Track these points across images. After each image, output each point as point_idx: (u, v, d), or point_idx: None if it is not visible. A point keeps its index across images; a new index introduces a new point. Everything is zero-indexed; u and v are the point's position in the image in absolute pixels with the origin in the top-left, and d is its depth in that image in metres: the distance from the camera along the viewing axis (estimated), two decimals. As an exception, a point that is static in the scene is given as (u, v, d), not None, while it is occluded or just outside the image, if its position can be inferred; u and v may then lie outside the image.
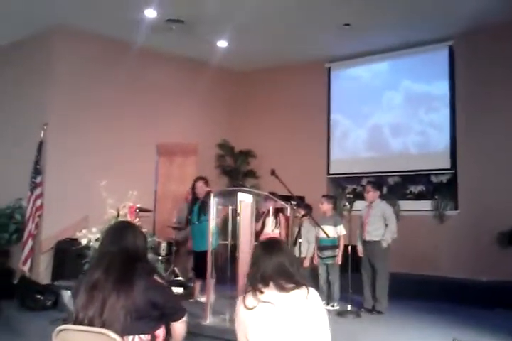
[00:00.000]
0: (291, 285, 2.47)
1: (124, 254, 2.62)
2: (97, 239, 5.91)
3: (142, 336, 2.55)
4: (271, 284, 2.48)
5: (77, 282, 2.68)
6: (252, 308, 2.46)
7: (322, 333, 2.45)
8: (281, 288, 2.46)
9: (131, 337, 2.50)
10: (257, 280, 2.51)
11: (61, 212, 7.64)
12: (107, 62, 8.49)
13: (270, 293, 2.47)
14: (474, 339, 4.15)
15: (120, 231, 2.75)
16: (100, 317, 2.44)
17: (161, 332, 2.65)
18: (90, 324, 2.45)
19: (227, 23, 7.77)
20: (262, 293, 2.47)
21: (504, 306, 6.27)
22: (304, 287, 2.49)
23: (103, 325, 2.42)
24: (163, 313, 2.62)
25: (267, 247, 2.63)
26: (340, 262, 6.18)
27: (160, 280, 2.68)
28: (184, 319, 2.75)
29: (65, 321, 5.29)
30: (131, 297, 2.48)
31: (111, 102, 8.48)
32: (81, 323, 2.47)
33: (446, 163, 8.47)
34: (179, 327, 2.75)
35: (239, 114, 10.47)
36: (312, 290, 2.50)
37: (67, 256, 6.92)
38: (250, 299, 2.49)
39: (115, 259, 2.59)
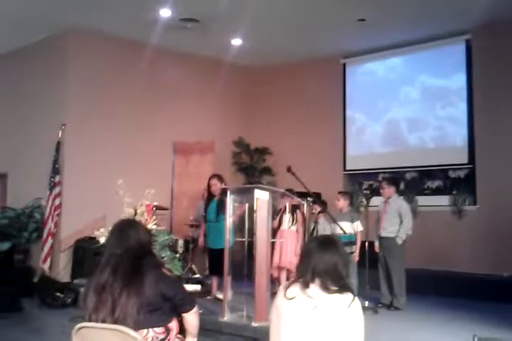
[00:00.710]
0: (335, 288, 2.42)
1: (129, 254, 2.63)
2: (114, 238, 5.97)
3: (156, 329, 2.57)
4: (316, 280, 2.44)
5: (85, 285, 2.70)
6: (291, 298, 2.43)
7: None
8: (325, 288, 2.41)
9: (145, 330, 2.53)
10: (305, 274, 2.47)
11: (79, 211, 7.73)
12: (123, 62, 8.56)
13: (314, 289, 2.43)
14: (495, 335, 4.10)
15: (122, 231, 2.75)
16: (112, 316, 2.47)
17: (174, 325, 2.68)
18: (103, 323, 2.47)
19: (242, 20, 7.76)
20: (307, 286, 2.43)
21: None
22: (348, 293, 2.42)
23: (116, 322, 2.44)
24: (173, 305, 2.64)
25: (323, 244, 2.56)
26: (357, 259, 6.14)
27: (168, 273, 2.71)
28: (195, 310, 2.76)
29: (85, 319, 5.38)
30: (142, 292, 2.50)
31: (127, 102, 8.54)
32: None
33: (464, 158, 8.37)
34: (191, 318, 2.76)
35: (254, 111, 10.47)
36: (356, 300, 2.42)
37: (86, 254, 7.01)
38: (293, 289, 2.46)
39: (121, 260, 2.60)
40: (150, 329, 2.55)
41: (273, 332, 2.54)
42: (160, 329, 2.58)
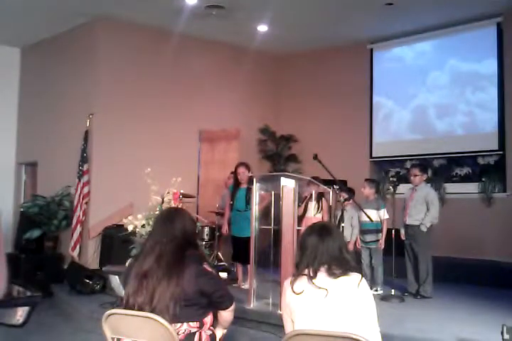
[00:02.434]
0: (341, 271, 2.43)
1: (174, 243, 2.64)
2: (142, 226, 6.02)
3: (191, 323, 2.59)
4: (322, 269, 2.45)
5: (127, 269, 2.73)
6: (300, 293, 2.43)
7: (369, 322, 2.41)
8: (332, 274, 2.43)
9: (179, 324, 2.54)
10: (308, 265, 2.48)
11: (107, 199, 7.84)
12: (150, 51, 8.59)
13: (321, 278, 2.44)
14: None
15: (169, 219, 2.76)
16: (150, 304, 2.49)
17: (208, 319, 2.69)
18: (140, 310, 2.49)
19: (267, 7, 7.69)
20: (314, 278, 2.44)
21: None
22: (356, 274, 2.45)
23: (152, 312, 2.45)
24: (211, 301, 2.65)
25: (318, 231, 2.57)
26: (383, 246, 6.10)
27: (209, 269, 2.71)
28: (232, 308, 2.77)
29: (114, 305, 5.49)
30: (181, 285, 2.51)
31: (154, 90, 8.59)
32: (131, 309, 2.52)
33: (493, 144, 8.19)
34: (227, 315, 2.78)
35: (280, 98, 10.42)
36: (363, 280, 2.45)
37: (114, 242, 7.11)
38: (299, 284, 2.47)
39: (166, 249, 2.62)
40: (185, 323, 2.56)
41: (287, 326, 2.54)
42: (194, 324, 2.60)
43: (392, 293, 5.70)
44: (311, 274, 2.44)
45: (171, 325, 2.40)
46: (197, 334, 2.60)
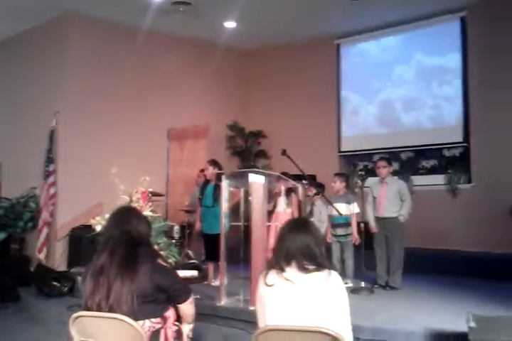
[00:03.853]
0: (312, 267, 2.47)
1: (127, 238, 2.64)
2: (110, 225, 5.96)
3: (153, 319, 2.57)
4: (293, 263, 2.49)
5: (85, 270, 2.70)
6: (271, 285, 2.47)
7: (341, 317, 2.44)
8: (303, 269, 2.46)
9: (141, 322, 2.52)
10: (281, 258, 2.51)
11: (74, 200, 7.72)
12: (117, 48, 8.49)
13: (291, 271, 2.47)
14: (489, 312, 4.12)
15: (123, 215, 2.76)
16: (107, 301, 2.47)
17: (170, 314, 2.68)
18: (98, 310, 2.47)
19: (234, 3, 7.67)
20: (283, 271, 2.47)
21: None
22: (326, 270, 2.48)
23: (110, 310, 2.44)
24: (168, 296, 2.64)
25: (294, 226, 2.62)
26: (357, 241, 6.13)
27: (164, 264, 2.70)
28: (190, 300, 2.77)
29: (82, 307, 5.40)
30: (136, 281, 2.49)
31: (121, 88, 8.49)
32: (90, 309, 2.50)
33: (458, 137, 8.35)
34: (186, 308, 2.77)
35: (249, 94, 10.42)
36: (334, 274, 2.49)
37: (82, 242, 7.00)
38: (271, 276, 2.50)
39: (119, 243, 2.61)
40: (147, 320, 2.54)
41: (260, 319, 2.57)
42: (157, 320, 2.58)
43: (362, 286, 5.75)
44: (281, 267, 2.48)
45: (136, 323, 2.40)
46: (162, 331, 2.58)
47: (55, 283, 6.51)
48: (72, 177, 7.80)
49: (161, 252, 4.77)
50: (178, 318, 2.77)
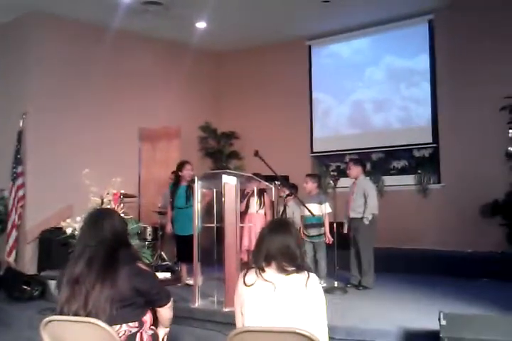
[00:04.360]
0: (292, 268, 2.48)
1: (104, 245, 2.59)
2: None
3: (130, 324, 2.54)
4: (273, 264, 2.49)
5: (59, 275, 2.65)
6: (250, 285, 2.47)
7: (318, 319, 2.46)
8: (282, 270, 2.47)
9: (118, 326, 2.49)
10: (260, 258, 2.51)
11: (44, 202, 7.60)
12: (86, 48, 8.36)
13: (271, 272, 2.48)
14: (459, 310, 4.20)
15: (96, 220, 2.69)
16: (85, 309, 2.44)
17: (148, 318, 2.65)
18: (76, 316, 2.43)
19: (205, 3, 7.65)
20: (263, 271, 2.48)
21: (489, 276, 6.37)
22: (305, 272, 2.49)
23: (88, 316, 2.41)
24: (147, 300, 2.61)
25: (274, 226, 2.63)
26: (330, 241, 6.17)
27: (143, 267, 2.66)
28: (169, 304, 2.74)
29: (54, 311, 5.31)
30: (116, 286, 2.47)
31: (91, 88, 8.37)
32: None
33: (428, 137, 8.50)
34: (165, 312, 2.75)
35: (221, 95, 10.40)
36: (313, 276, 2.50)
37: (53, 245, 6.91)
38: (250, 276, 2.51)
39: (97, 252, 2.56)
40: (124, 325, 2.52)
41: (238, 319, 2.57)
42: (134, 324, 2.55)
43: (336, 285, 5.80)
44: (261, 267, 2.49)
45: (110, 328, 2.37)
46: (138, 335, 2.56)
47: (25, 287, 6.38)
48: (42, 178, 7.67)
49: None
50: (154, 322, 2.75)
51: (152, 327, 2.69)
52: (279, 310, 2.42)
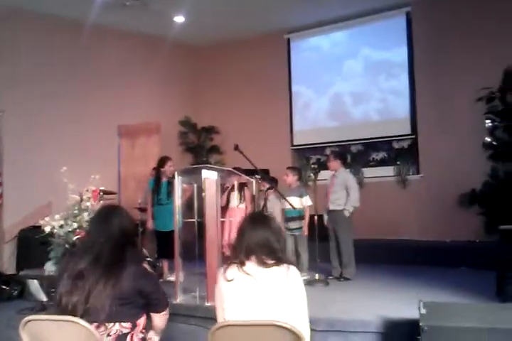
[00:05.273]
0: (272, 261, 2.48)
1: (112, 243, 2.57)
2: (60, 226, 5.81)
3: (123, 324, 2.52)
4: (252, 257, 2.50)
5: (60, 269, 2.64)
6: (231, 280, 2.48)
7: (299, 311, 2.46)
8: (262, 263, 2.47)
9: (111, 324, 2.48)
10: (240, 252, 2.52)
11: (22, 200, 7.51)
12: (62, 44, 8.26)
13: (251, 266, 2.48)
14: (439, 299, 4.25)
15: (105, 217, 2.67)
16: (85, 304, 2.42)
17: (141, 322, 2.63)
18: (73, 310, 2.41)
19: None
20: (243, 264, 2.48)
21: (468, 265, 6.47)
22: (285, 265, 2.49)
23: (86, 312, 2.40)
24: (147, 302, 2.60)
25: (253, 220, 2.63)
26: (306, 233, 6.21)
27: (149, 269, 2.65)
28: (165, 312, 2.74)
29: (34, 310, 5.25)
30: (119, 285, 2.45)
31: (68, 85, 8.29)
32: (64, 308, 2.43)
33: (406, 129, 8.57)
34: (160, 319, 2.74)
35: (200, 89, 10.34)
36: (293, 268, 2.51)
37: (31, 244, 6.81)
38: (231, 271, 2.51)
39: (104, 249, 2.54)
40: (117, 323, 2.50)
41: (219, 314, 2.57)
42: (127, 324, 2.53)
43: (317, 278, 5.83)
44: (241, 261, 2.50)
45: (102, 325, 2.39)
46: (128, 336, 2.53)
47: (4, 287, 6.28)
48: (20, 176, 7.57)
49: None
50: (146, 327, 2.72)
51: (143, 330, 2.67)
52: (260, 303, 2.43)
